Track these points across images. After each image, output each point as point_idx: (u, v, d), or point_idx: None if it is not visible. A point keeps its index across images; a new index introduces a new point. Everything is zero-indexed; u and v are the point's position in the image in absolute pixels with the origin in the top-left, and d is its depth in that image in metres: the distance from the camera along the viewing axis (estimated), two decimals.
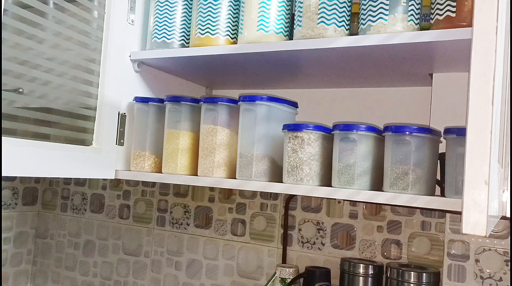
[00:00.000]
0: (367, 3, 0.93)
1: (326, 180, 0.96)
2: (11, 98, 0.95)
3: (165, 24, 1.14)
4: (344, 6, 0.96)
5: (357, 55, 0.98)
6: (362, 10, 0.94)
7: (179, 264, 1.50)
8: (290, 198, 1.34)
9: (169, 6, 1.15)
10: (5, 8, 0.88)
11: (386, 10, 0.91)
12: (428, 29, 0.90)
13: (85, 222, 1.70)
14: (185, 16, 1.15)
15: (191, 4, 1.15)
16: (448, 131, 0.89)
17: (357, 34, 0.95)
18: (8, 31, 0.92)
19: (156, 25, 1.15)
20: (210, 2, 1.08)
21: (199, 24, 1.09)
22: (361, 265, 1.13)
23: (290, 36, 1.04)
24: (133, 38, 1.18)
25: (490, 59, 0.56)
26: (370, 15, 0.92)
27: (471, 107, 0.56)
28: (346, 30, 0.97)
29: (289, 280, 1.20)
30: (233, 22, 1.09)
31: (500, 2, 0.57)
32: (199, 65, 1.19)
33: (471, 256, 1.05)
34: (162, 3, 1.15)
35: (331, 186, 0.93)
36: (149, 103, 1.15)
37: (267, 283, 1.24)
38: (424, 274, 1.06)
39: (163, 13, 1.15)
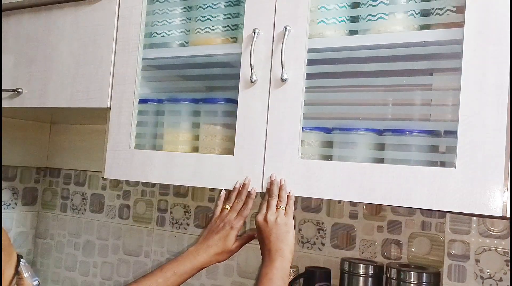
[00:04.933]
0: (367, 3, 0.92)
1: None
2: None
3: (164, 24, 1.14)
4: (344, 6, 0.96)
5: (357, 55, 0.98)
6: (362, 10, 0.94)
7: None
8: None
9: (169, 6, 1.14)
10: None
11: (386, 10, 0.90)
12: (428, 29, 0.89)
13: (85, 222, 1.70)
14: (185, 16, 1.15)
15: (191, 4, 1.15)
16: (447, 132, 0.89)
17: (357, 34, 0.95)
18: None
19: (156, 24, 1.15)
20: (210, 1, 1.08)
21: (199, 23, 1.09)
22: (361, 265, 1.13)
23: None
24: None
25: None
26: (370, 15, 0.92)
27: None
28: (346, 30, 0.96)
29: (289, 280, 1.20)
30: (233, 22, 1.09)
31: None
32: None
33: (471, 256, 1.04)
34: (161, 2, 1.15)
35: None
36: (148, 103, 1.15)
37: None
38: (424, 274, 1.06)
39: (163, 13, 1.14)
